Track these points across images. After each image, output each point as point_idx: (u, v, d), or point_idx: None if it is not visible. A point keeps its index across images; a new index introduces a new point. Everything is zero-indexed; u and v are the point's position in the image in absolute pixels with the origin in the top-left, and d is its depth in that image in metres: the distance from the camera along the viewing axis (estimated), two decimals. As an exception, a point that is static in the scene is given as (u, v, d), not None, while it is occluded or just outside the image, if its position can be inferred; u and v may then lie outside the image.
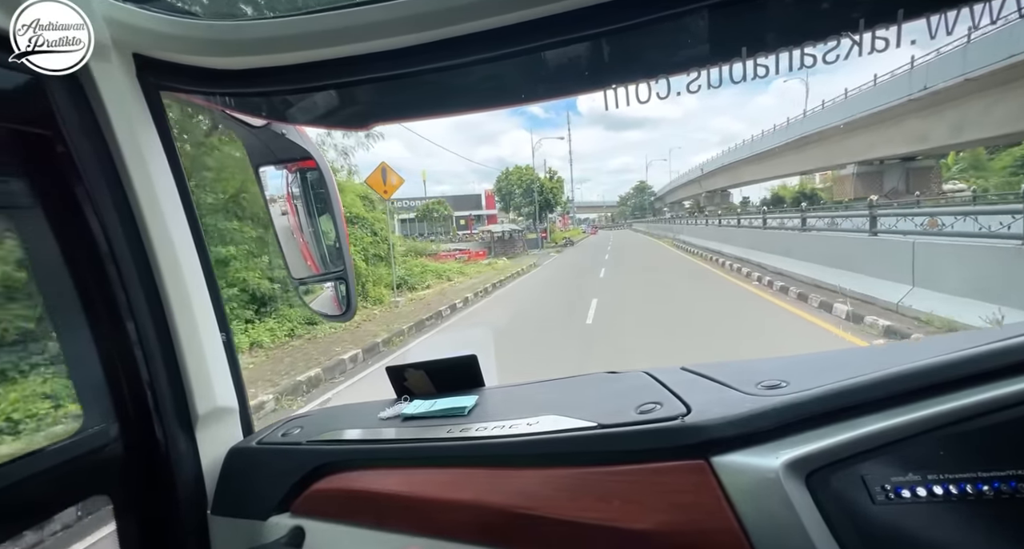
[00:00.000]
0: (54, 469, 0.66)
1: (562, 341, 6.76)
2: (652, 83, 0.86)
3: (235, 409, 0.91)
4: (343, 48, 0.78)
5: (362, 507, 0.75)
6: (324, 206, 1.27)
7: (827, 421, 0.52)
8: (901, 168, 30.79)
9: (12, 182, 0.65)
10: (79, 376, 0.74)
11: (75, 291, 0.72)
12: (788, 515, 0.48)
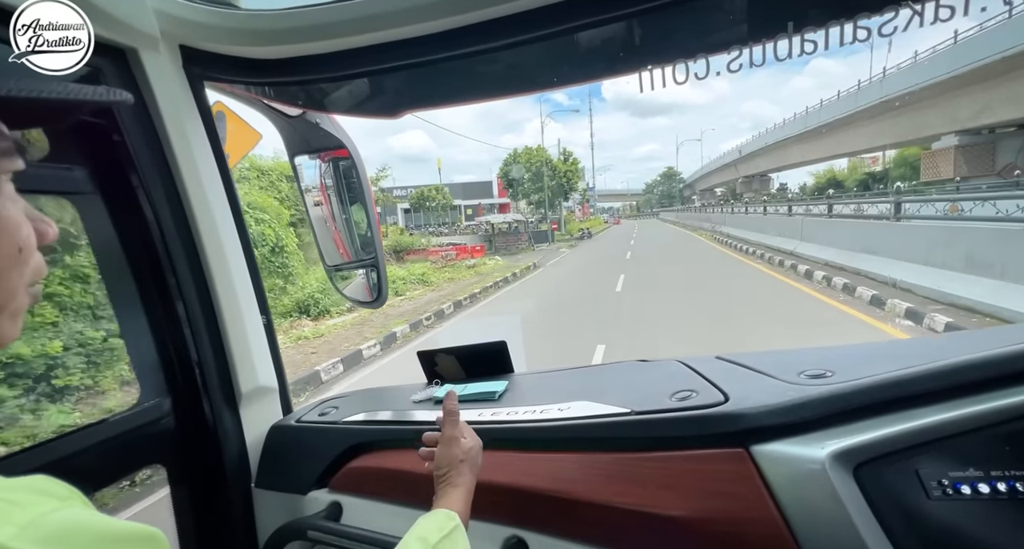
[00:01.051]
0: (117, 438, 0.71)
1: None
2: (690, 63, 0.83)
3: (275, 388, 0.95)
4: (375, 35, 0.79)
5: (397, 485, 0.77)
6: (356, 195, 1.30)
7: (877, 412, 0.50)
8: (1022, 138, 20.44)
9: (75, 170, 0.69)
10: (136, 352, 0.79)
11: (131, 274, 0.76)
12: (834, 507, 0.46)
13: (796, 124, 33.64)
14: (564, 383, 0.86)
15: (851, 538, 0.45)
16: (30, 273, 0.32)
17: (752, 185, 52.45)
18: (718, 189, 69.80)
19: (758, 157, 43.69)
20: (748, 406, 0.55)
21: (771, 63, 0.81)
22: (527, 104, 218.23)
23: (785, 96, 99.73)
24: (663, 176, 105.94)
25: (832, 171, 43.70)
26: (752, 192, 50.41)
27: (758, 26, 0.78)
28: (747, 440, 0.53)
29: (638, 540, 0.57)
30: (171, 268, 0.78)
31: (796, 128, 33.52)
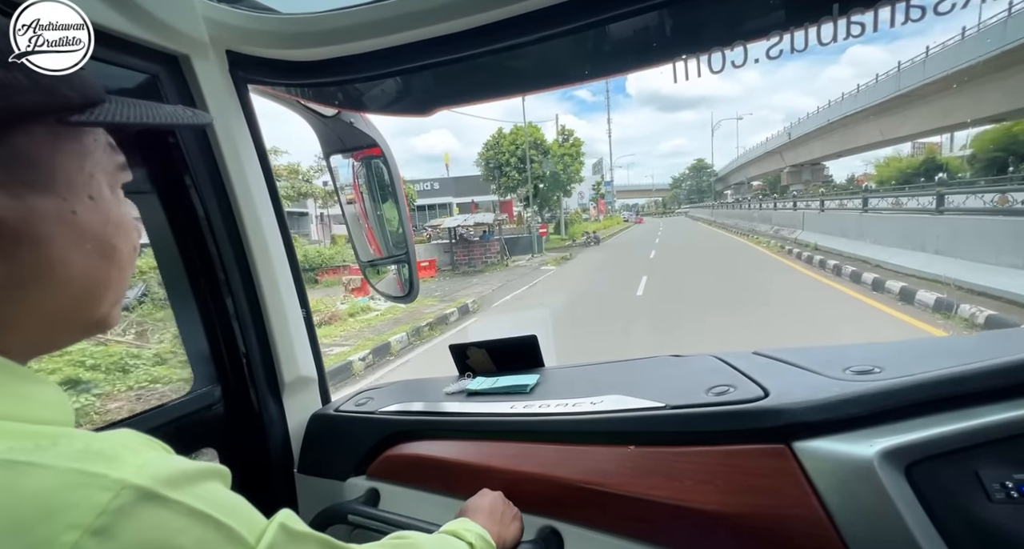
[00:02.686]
0: (175, 421, 0.76)
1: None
2: (726, 51, 0.81)
3: (315, 379, 0.99)
4: (409, 33, 0.81)
5: (432, 473, 0.79)
6: (388, 193, 1.33)
7: (931, 410, 0.48)
8: None
9: (135, 170, 0.73)
10: (190, 343, 0.84)
11: (184, 269, 0.81)
12: (885, 507, 0.44)
13: (877, 90, 23.00)
14: (596, 377, 0.85)
15: (903, 539, 0.44)
16: (133, 268, 0.38)
17: (801, 175, 43.36)
18: (755, 182, 62.78)
19: (812, 141, 35.44)
20: (790, 401, 0.54)
21: (813, 48, 0.77)
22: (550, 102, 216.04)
23: (820, 87, 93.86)
24: (692, 169, 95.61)
25: (900, 158, 33.30)
26: (801, 184, 42.01)
27: (801, 9, 0.75)
28: (789, 436, 0.52)
29: (675, 534, 0.57)
30: (220, 264, 0.82)
31: (873, 96, 23.28)
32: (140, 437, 0.29)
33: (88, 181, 0.33)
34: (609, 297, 8.40)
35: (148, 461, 0.26)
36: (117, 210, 0.35)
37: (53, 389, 0.31)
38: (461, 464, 0.76)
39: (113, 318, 0.36)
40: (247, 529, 0.28)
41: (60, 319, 0.33)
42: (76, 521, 0.22)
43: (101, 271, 0.34)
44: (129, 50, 0.67)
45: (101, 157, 0.34)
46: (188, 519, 0.25)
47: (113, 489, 0.23)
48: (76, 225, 0.31)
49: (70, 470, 0.23)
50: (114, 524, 0.22)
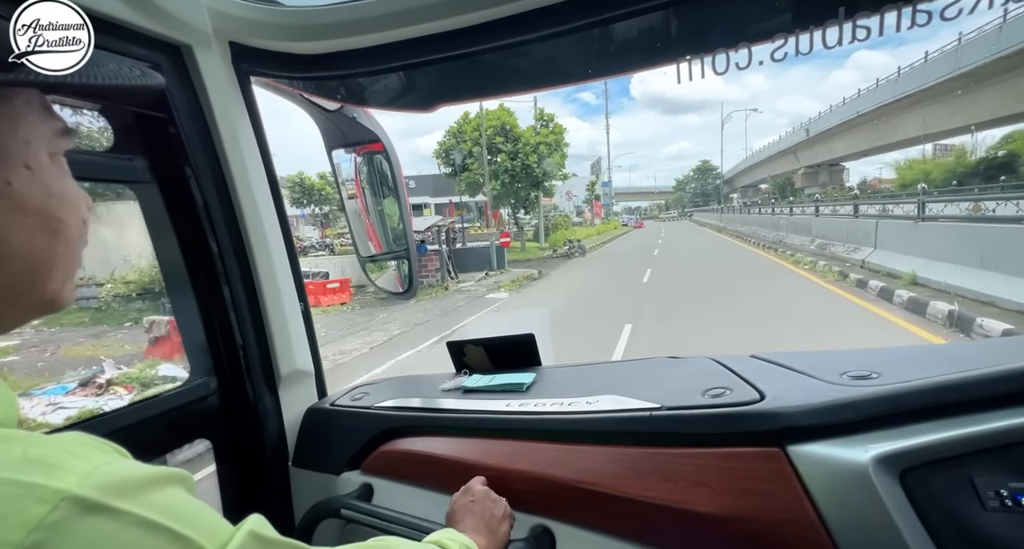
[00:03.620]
0: (171, 411, 0.76)
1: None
2: (731, 53, 0.81)
3: (311, 372, 0.99)
4: (414, 28, 0.80)
5: (425, 470, 0.79)
6: (389, 188, 1.32)
7: (927, 416, 0.48)
8: None
9: (136, 160, 0.73)
10: (187, 333, 0.84)
11: (183, 259, 0.81)
12: (878, 513, 0.44)
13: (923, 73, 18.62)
14: (592, 377, 0.85)
15: (896, 545, 0.43)
16: (84, 243, 0.35)
17: (818, 177, 38.95)
18: (763, 185, 57.65)
19: (834, 138, 30.78)
20: (785, 405, 0.54)
21: (819, 52, 0.77)
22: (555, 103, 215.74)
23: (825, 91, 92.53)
24: (697, 171, 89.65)
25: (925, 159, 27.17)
26: (817, 186, 37.43)
27: (806, 12, 0.75)
28: (783, 439, 0.52)
29: (668, 535, 0.56)
30: (219, 256, 0.82)
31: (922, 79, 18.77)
32: (91, 440, 0.27)
33: (23, 148, 0.30)
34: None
35: (95, 468, 0.24)
36: (60, 180, 0.32)
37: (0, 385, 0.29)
38: (455, 461, 0.76)
39: (65, 296, 0.34)
40: (209, 538, 0.26)
41: (4, 300, 0.30)
42: (5, 538, 0.20)
43: (46, 247, 0.31)
44: (131, 39, 0.67)
45: (36, 121, 0.31)
46: (139, 530, 0.23)
47: (51, 501, 0.21)
48: (12, 197, 0.29)
49: (3, 480, 0.22)
50: (49, 540, 0.21)
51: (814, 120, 34.62)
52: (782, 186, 49.71)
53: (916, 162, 27.35)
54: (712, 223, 37.95)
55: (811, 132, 34.74)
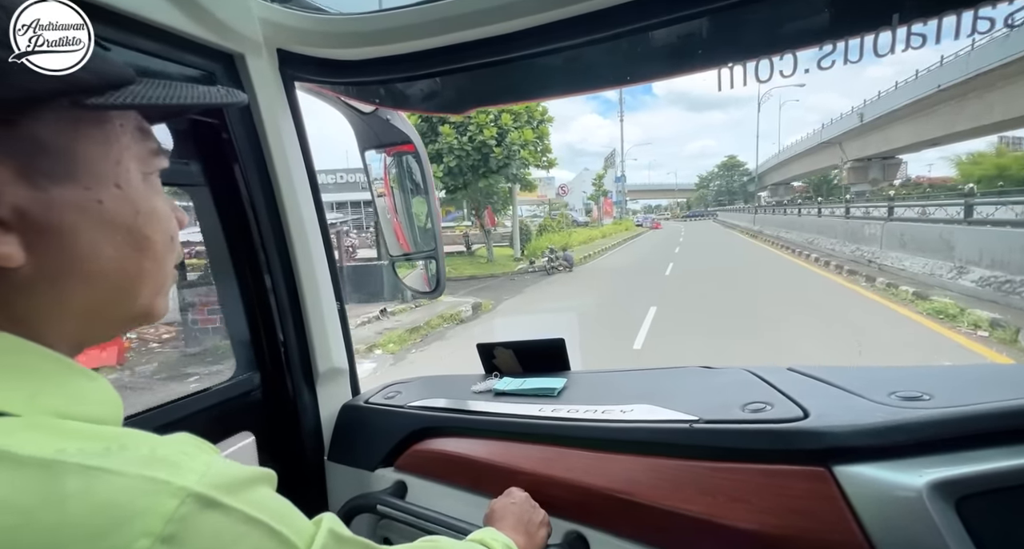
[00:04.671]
0: (218, 405, 0.80)
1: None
2: (775, 59, 0.79)
3: (346, 370, 1.02)
4: (452, 36, 0.81)
5: (459, 470, 0.81)
6: (418, 188, 1.34)
7: (986, 443, 0.47)
8: None
9: (192, 164, 0.77)
10: (232, 330, 0.87)
11: (231, 260, 0.85)
12: (932, 540, 0.43)
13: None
14: (625, 384, 0.86)
15: None
16: (175, 257, 0.37)
17: (868, 172, 32.73)
18: (795, 182, 51.64)
19: (896, 124, 24.54)
20: (832, 424, 0.53)
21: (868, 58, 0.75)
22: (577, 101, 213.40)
23: (859, 87, 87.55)
24: (722, 167, 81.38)
25: (1002, 153, 21.16)
26: (867, 183, 32.29)
27: (858, 18, 0.73)
28: (830, 459, 0.51)
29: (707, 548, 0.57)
30: (264, 256, 0.85)
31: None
32: (194, 440, 0.30)
33: (115, 169, 0.31)
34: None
35: (207, 468, 0.26)
36: (148, 199, 0.33)
37: (104, 385, 0.31)
38: (488, 463, 0.78)
39: (158, 309, 0.36)
40: (298, 535, 0.28)
41: (97, 313, 0.32)
42: (147, 529, 0.22)
43: (134, 263, 0.32)
44: (190, 49, 0.70)
45: (129, 143, 0.32)
46: (245, 526, 0.25)
47: (179, 496, 0.24)
48: (104, 216, 0.30)
49: (139, 477, 0.24)
50: (181, 532, 0.23)
51: (871, 102, 27.11)
52: (817, 184, 44.49)
53: (983, 156, 21.26)
54: (742, 225, 31.97)
55: (866, 117, 27.66)
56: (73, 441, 0.24)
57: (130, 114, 0.33)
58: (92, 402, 0.29)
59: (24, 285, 0.28)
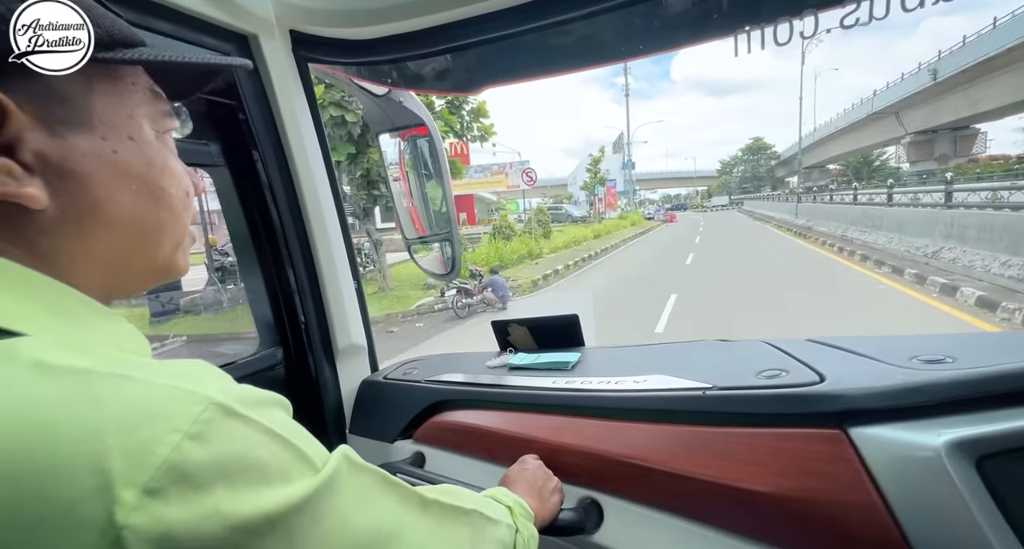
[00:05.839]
0: (244, 378, 0.83)
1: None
2: (795, 21, 0.76)
3: (365, 347, 1.04)
4: (460, 10, 0.81)
5: (475, 441, 0.83)
6: (432, 172, 1.35)
7: (1010, 403, 0.45)
8: None
9: (211, 145, 0.79)
10: (256, 307, 0.91)
11: (251, 238, 0.87)
12: (951, 499, 0.43)
13: None
14: (639, 358, 0.86)
15: (970, 534, 0.42)
16: (192, 215, 0.39)
17: (934, 147, 26.51)
18: (831, 165, 43.99)
19: (987, 79, 18.86)
20: (848, 387, 0.52)
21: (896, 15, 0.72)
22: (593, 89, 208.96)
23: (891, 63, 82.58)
24: (747, 151, 72.46)
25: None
26: (933, 160, 26.58)
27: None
28: (845, 421, 0.51)
29: (720, 511, 0.57)
30: (282, 234, 0.87)
31: None
32: (212, 368, 0.31)
33: (127, 122, 0.33)
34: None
35: (224, 385, 0.28)
36: (161, 154, 0.35)
37: (131, 328, 0.33)
38: (503, 433, 0.79)
39: (180, 263, 0.37)
40: (313, 453, 0.30)
41: (122, 260, 0.34)
42: (176, 426, 0.24)
43: (152, 213, 0.34)
44: (205, 30, 0.72)
45: (141, 101, 0.34)
46: (264, 436, 0.27)
47: (203, 403, 0.25)
48: (118, 164, 0.32)
49: (166, 385, 0.26)
50: (207, 431, 0.25)
51: (953, 51, 19.90)
52: (857, 166, 38.55)
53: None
54: (777, 217, 22.95)
55: (942, 73, 20.47)
56: (102, 359, 0.26)
57: (141, 75, 0.35)
58: (119, 338, 0.32)
59: (50, 228, 0.30)
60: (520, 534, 0.49)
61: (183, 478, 0.23)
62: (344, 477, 0.31)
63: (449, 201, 1.35)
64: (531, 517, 0.54)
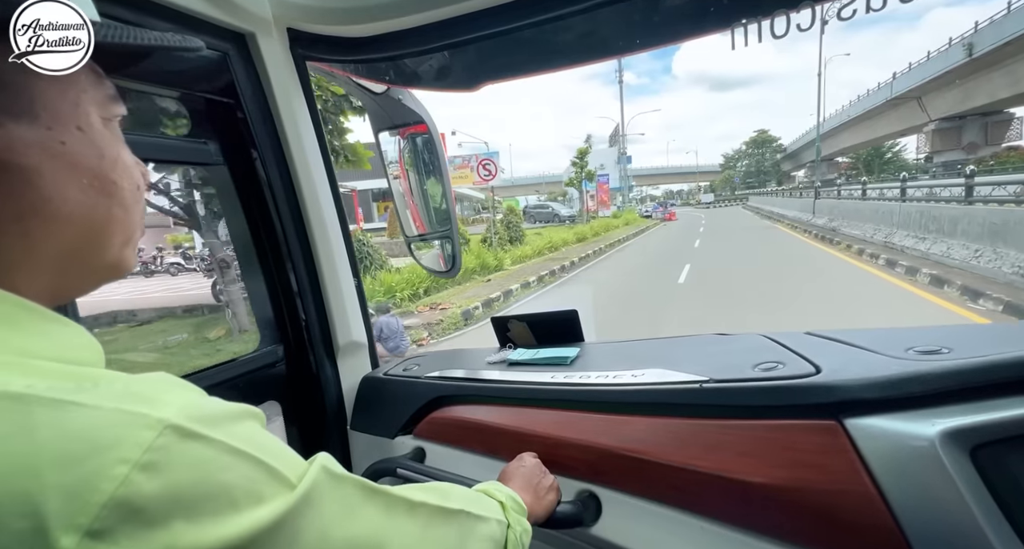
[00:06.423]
0: (244, 375, 0.84)
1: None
2: (792, 14, 0.76)
3: (365, 344, 1.05)
4: (457, 7, 0.81)
5: (474, 436, 0.83)
6: (432, 169, 1.35)
7: (1004, 393, 0.45)
8: None
9: (210, 144, 0.80)
10: (257, 304, 0.91)
11: (251, 236, 0.88)
12: (945, 489, 0.43)
13: None
14: (637, 352, 0.86)
15: (964, 522, 0.42)
16: (142, 209, 0.36)
17: (962, 136, 23.47)
18: (840, 158, 41.16)
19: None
20: (843, 378, 0.52)
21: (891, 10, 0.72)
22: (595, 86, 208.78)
23: (894, 57, 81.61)
24: (751, 144, 68.45)
25: None
26: (960, 149, 23.47)
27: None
28: (840, 413, 0.51)
29: (716, 502, 0.57)
30: (282, 232, 0.88)
31: None
32: (173, 380, 0.28)
33: (74, 110, 0.30)
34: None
35: (186, 402, 0.25)
36: (111, 145, 0.32)
37: (80, 331, 0.31)
38: (502, 428, 0.80)
39: (127, 261, 0.35)
40: (287, 468, 0.28)
41: (69, 259, 0.31)
42: (124, 456, 0.22)
43: (102, 208, 0.31)
44: (202, 28, 0.72)
45: (86, 86, 0.31)
46: (230, 457, 0.25)
47: (156, 428, 0.23)
48: (67, 157, 0.29)
49: (114, 410, 0.23)
50: (160, 460, 0.22)
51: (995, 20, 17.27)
52: (868, 159, 35.72)
53: None
54: (790, 216, 19.55)
55: (978, 49, 17.64)
56: (43, 378, 0.24)
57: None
58: (66, 346, 0.29)
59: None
60: (512, 529, 0.49)
61: (132, 514, 0.21)
62: (323, 490, 0.29)
63: (448, 198, 1.36)
64: (524, 512, 0.54)
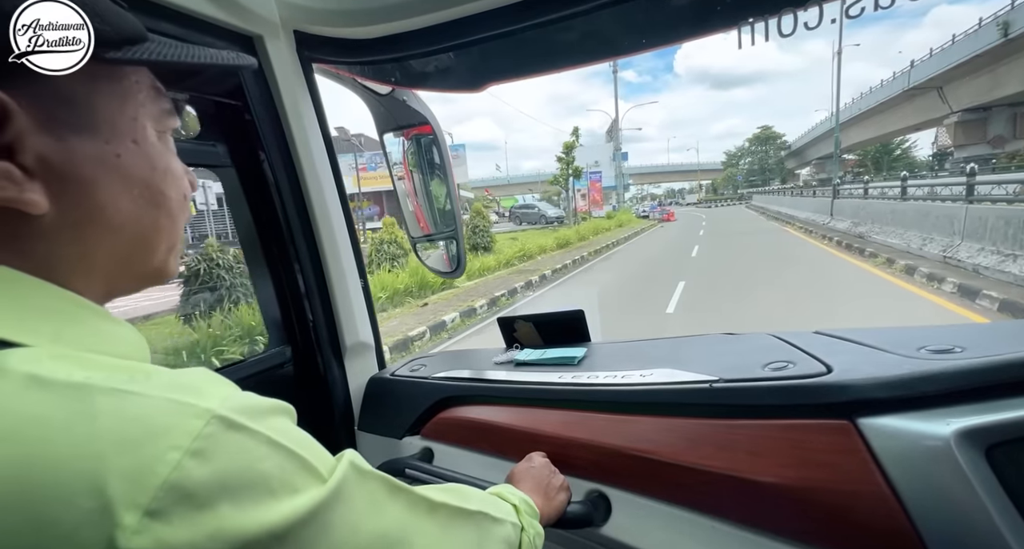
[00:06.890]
0: (253, 376, 0.85)
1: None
2: (799, 12, 0.76)
3: (372, 345, 1.05)
4: (461, 8, 0.81)
5: (482, 436, 0.83)
6: (436, 170, 1.36)
7: (1019, 392, 0.45)
8: None
9: (218, 146, 0.80)
10: (265, 306, 0.92)
11: (259, 239, 0.88)
12: (961, 489, 0.43)
13: None
14: (645, 352, 0.86)
15: (980, 522, 0.42)
16: (187, 217, 0.38)
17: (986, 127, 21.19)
18: (849, 155, 38.10)
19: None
20: (855, 377, 0.52)
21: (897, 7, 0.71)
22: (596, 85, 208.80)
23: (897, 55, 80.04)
24: (754, 140, 66.41)
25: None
26: (985, 143, 21.50)
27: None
28: (853, 412, 0.51)
29: (727, 503, 0.57)
30: (289, 233, 0.88)
31: None
32: (212, 374, 0.30)
33: (131, 125, 0.32)
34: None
35: (227, 395, 0.27)
36: (163, 156, 0.34)
37: (130, 329, 0.33)
38: (510, 428, 0.80)
39: (170, 267, 0.37)
40: (319, 462, 0.29)
41: (119, 265, 0.33)
42: (177, 443, 0.23)
43: (150, 218, 0.33)
44: (210, 31, 0.73)
45: (144, 101, 0.33)
46: (268, 448, 0.26)
47: (204, 417, 0.24)
48: (121, 169, 0.31)
49: (164, 399, 0.25)
50: (208, 448, 0.24)
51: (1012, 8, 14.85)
52: (876, 155, 34.33)
53: None
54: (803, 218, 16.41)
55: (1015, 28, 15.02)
56: (99, 370, 0.25)
57: (144, 73, 0.34)
58: (117, 342, 0.31)
59: (48, 233, 0.29)
60: (526, 533, 0.49)
61: (185, 498, 0.23)
62: (352, 485, 0.31)
63: (453, 199, 1.36)
64: (537, 515, 0.54)
